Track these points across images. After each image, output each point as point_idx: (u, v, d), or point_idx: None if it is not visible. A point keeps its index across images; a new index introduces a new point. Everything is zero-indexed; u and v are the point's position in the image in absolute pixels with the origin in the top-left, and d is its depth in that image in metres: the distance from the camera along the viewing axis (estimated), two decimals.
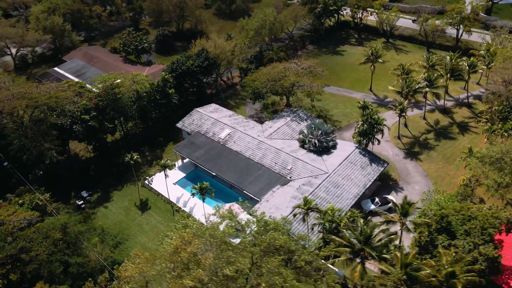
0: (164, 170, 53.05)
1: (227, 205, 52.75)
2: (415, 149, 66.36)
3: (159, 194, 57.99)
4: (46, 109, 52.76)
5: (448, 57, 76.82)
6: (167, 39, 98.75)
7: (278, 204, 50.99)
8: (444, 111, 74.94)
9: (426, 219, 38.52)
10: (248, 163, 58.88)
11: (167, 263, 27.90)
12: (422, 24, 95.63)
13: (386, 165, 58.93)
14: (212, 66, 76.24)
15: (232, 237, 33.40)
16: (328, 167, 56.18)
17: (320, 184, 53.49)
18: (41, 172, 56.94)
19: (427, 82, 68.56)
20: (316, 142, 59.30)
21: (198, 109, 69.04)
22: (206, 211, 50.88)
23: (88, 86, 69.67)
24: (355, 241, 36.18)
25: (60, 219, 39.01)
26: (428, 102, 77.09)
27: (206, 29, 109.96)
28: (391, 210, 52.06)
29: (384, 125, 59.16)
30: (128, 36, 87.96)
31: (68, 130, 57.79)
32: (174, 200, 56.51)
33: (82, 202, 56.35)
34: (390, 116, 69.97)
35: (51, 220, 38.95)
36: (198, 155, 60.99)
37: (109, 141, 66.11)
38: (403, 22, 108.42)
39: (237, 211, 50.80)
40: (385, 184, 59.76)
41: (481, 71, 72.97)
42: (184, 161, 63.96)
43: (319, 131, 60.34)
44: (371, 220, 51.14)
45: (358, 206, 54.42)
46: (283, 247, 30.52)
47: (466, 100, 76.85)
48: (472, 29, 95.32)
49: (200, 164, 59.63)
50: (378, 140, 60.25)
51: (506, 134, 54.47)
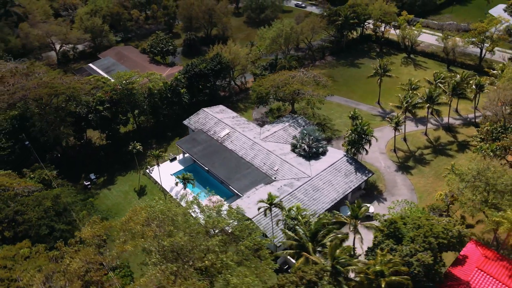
0: (157, 160, 58.50)
1: (211, 197, 57.45)
2: (408, 163, 67.28)
3: (156, 182, 63.64)
4: (65, 98, 60.29)
5: (458, 75, 77.02)
6: (193, 43, 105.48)
7: (251, 200, 54.53)
8: (448, 129, 74.88)
9: (377, 224, 40.62)
10: (239, 161, 63.06)
11: (118, 231, 32.78)
12: (443, 41, 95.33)
13: (370, 174, 60.69)
14: (224, 70, 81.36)
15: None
16: (312, 172, 59.00)
17: (300, 186, 56.50)
18: (57, 153, 64.53)
19: (428, 98, 69.30)
20: (306, 147, 62.32)
21: (205, 109, 74.29)
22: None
23: (112, 81, 77.28)
24: (304, 236, 39.12)
25: (54, 191, 45.43)
26: (434, 119, 77.49)
27: (233, 35, 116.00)
28: (370, 218, 54.09)
29: (372, 136, 60.96)
30: (156, 39, 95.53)
31: (84, 119, 65.16)
32: (167, 189, 61.82)
33: (89, 183, 63.28)
34: (391, 130, 71.12)
35: (47, 191, 45.47)
36: (197, 150, 66.05)
37: (122, 131, 72.95)
38: (428, 38, 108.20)
39: (219, 202, 55.37)
40: (369, 193, 61.46)
41: (487, 90, 72.33)
42: (185, 155, 69.24)
43: (311, 138, 63.32)
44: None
45: (337, 210, 56.66)
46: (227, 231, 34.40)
47: (474, 120, 76.25)
48: (496, 48, 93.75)
49: (196, 159, 64.64)
50: (366, 150, 62.11)
51: (491, 154, 54.51)
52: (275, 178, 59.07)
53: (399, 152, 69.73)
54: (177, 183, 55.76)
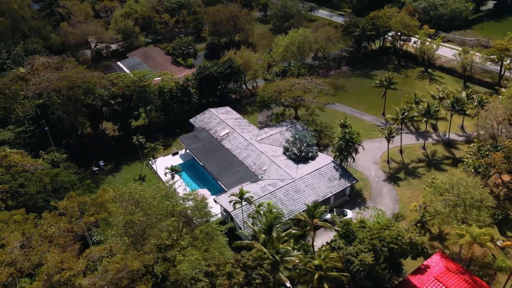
0: (153, 151, 63.91)
1: (198, 190, 62.07)
2: (399, 174, 68.23)
3: (156, 173, 69.16)
4: (81, 90, 67.47)
5: (463, 92, 76.86)
6: (215, 47, 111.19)
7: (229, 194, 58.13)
8: (448, 144, 74.67)
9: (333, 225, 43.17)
10: (232, 159, 67.18)
11: (89, 205, 38.07)
12: (460, 56, 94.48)
13: (354, 182, 62.58)
14: (235, 74, 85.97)
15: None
16: (297, 174, 61.91)
17: (282, 186, 59.65)
18: (73, 140, 71.78)
19: (426, 112, 69.96)
20: (296, 151, 65.33)
21: (211, 109, 79.21)
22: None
23: (127, 78, 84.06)
24: (260, 228, 42.47)
25: (54, 170, 51.77)
26: (436, 134, 77.64)
27: (256, 42, 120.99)
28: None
29: (359, 144, 62.86)
30: (179, 42, 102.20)
31: (99, 111, 72.15)
32: (164, 179, 66.99)
33: (97, 169, 70.02)
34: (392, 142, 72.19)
35: (48, 170, 51.93)
36: (196, 147, 70.95)
37: (135, 125, 79.38)
38: (449, 53, 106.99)
39: (205, 196, 59.85)
40: (353, 200, 63.30)
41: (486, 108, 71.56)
42: (187, 151, 74.38)
43: (302, 143, 66.22)
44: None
45: None
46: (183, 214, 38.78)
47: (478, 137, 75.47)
48: None
49: (194, 155, 69.51)
50: (353, 157, 64.06)
51: (473, 170, 54.81)
52: (261, 177, 62.57)
53: (393, 164, 70.74)
54: (166, 173, 60.84)
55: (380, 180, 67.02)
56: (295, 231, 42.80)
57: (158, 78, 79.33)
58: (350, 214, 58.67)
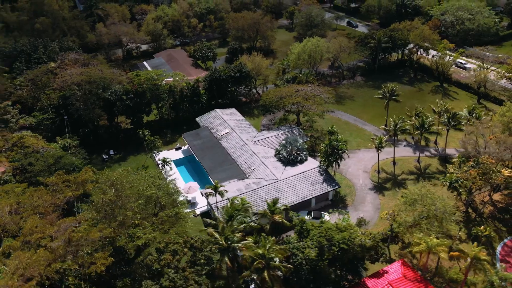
0: (152, 144, 69.77)
1: (190, 182, 67.39)
2: (386, 184, 69.51)
3: (157, 165, 75.11)
4: (97, 85, 74.94)
5: (465, 108, 76.68)
6: (236, 52, 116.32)
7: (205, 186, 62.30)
8: (444, 159, 74.63)
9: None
10: (226, 157, 71.70)
11: (72, 183, 44.24)
12: (474, 72, 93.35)
13: (336, 187, 64.91)
14: (244, 78, 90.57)
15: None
16: (282, 176, 65.30)
17: (265, 185, 63.32)
18: (88, 130, 79.43)
19: (420, 126, 70.79)
20: (285, 154, 68.74)
21: (217, 109, 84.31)
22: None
23: (154, 77, 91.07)
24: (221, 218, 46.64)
25: (59, 153, 58.75)
26: (434, 148, 77.87)
27: (278, 49, 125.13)
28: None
29: (344, 151, 65.10)
30: (199, 45, 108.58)
31: (113, 105, 79.44)
32: (163, 171, 72.83)
33: (107, 157, 77.18)
34: (387, 153, 74.10)
35: (54, 152, 59.04)
36: (196, 143, 76.20)
37: (147, 120, 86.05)
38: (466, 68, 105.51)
39: (194, 188, 65.01)
40: (335, 204, 65.59)
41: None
42: (188, 146, 79.80)
43: (293, 147, 69.51)
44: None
45: (297, 212, 62.10)
46: (153, 199, 43.89)
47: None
48: None
49: (192, 150, 74.73)
50: (338, 163, 66.38)
51: (446, 183, 55.58)
52: (249, 176, 66.54)
53: (383, 174, 72.04)
54: (158, 164, 66.53)
55: (366, 189, 68.69)
56: (255, 224, 46.44)
57: (171, 78, 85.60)
58: (327, 217, 61.14)
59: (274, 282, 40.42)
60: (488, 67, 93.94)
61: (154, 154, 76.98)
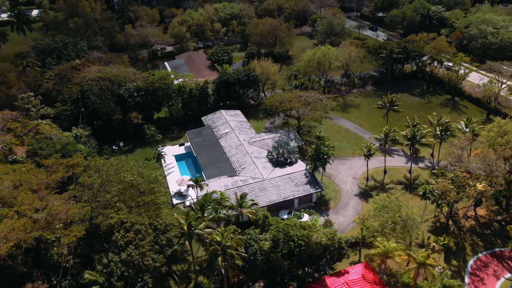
0: (152, 138, 75.46)
1: (183, 176, 72.46)
2: (373, 192, 71.03)
3: (154, 157, 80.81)
4: (111, 82, 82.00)
5: (462, 122, 76.74)
6: (253, 57, 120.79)
7: (212, 186, 67.04)
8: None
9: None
10: (222, 155, 76.17)
11: (65, 166, 50.51)
12: (484, 87, 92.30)
13: (319, 190, 67.51)
14: (252, 82, 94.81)
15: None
16: (269, 175, 68.83)
17: (250, 183, 67.12)
18: (103, 122, 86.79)
19: (411, 137, 71.86)
20: (275, 155, 72.23)
21: (222, 110, 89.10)
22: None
23: (171, 76, 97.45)
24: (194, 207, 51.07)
25: (65, 140, 65.67)
26: (429, 160, 78.28)
27: (295, 55, 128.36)
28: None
29: (329, 156, 67.54)
30: (217, 49, 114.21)
31: (126, 101, 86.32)
32: (163, 163, 78.47)
33: (117, 148, 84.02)
34: (381, 161, 75.90)
35: (61, 139, 66.01)
36: (197, 141, 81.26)
37: (157, 116, 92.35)
38: (478, 82, 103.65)
39: (186, 181, 69.94)
40: (317, 207, 68.16)
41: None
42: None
43: (284, 149, 72.87)
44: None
45: (277, 212, 65.50)
46: (133, 185, 49.25)
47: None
48: None
49: (192, 147, 79.81)
50: (324, 168, 68.90)
51: (419, 193, 56.88)
52: (238, 173, 70.59)
53: (371, 181, 73.61)
54: (153, 157, 72.17)
55: (351, 194, 70.65)
56: (223, 215, 50.50)
57: (181, 79, 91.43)
58: (306, 217, 63.89)
59: (229, 268, 44.24)
60: (503, 81, 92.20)
61: (159, 148, 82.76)
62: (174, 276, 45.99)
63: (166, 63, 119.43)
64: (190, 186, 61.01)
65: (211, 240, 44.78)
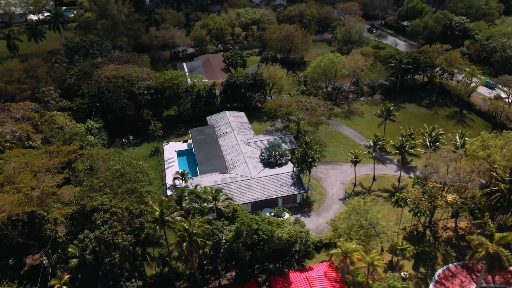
0: (155, 133, 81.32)
1: (179, 170, 77.61)
2: (356, 197, 72.93)
3: (152, 152, 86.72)
4: (124, 80, 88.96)
5: (457, 135, 77.13)
6: (267, 61, 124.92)
7: (202, 181, 71.87)
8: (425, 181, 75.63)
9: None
10: (218, 153, 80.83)
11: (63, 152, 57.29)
12: (489, 101, 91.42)
13: (302, 191, 70.57)
14: (258, 85, 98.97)
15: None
16: (257, 175, 72.71)
17: (238, 181, 71.35)
18: (116, 117, 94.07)
19: (400, 147, 73.32)
20: (265, 156, 76.02)
21: (226, 111, 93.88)
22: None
23: (187, 75, 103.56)
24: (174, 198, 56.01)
25: (74, 131, 72.64)
26: (421, 170, 79.03)
27: (310, 61, 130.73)
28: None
29: (314, 160, 70.37)
30: (232, 52, 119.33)
31: (137, 98, 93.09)
32: (165, 157, 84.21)
33: (126, 141, 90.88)
34: (372, 168, 77.65)
35: (70, 130, 73.23)
36: (198, 138, 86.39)
37: (167, 114, 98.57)
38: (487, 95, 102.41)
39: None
40: (300, 207, 71.24)
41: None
42: None
43: (276, 151, 76.51)
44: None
45: (261, 209, 69.24)
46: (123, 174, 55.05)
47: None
48: None
49: (192, 144, 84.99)
50: (309, 170, 71.79)
51: (392, 201, 58.67)
52: (229, 171, 74.94)
53: (358, 187, 75.62)
54: (152, 151, 78.12)
55: (336, 198, 73.07)
56: (198, 206, 55.03)
57: (189, 80, 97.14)
58: (287, 215, 67.20)
59: (194, 254, 48.72)
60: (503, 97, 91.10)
61: (164, 144, 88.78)
62: (147, 257, 51.04)
63: (184, 64, 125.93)
64: (175, 179, 66.13)
65: (180, 227, 49.39)
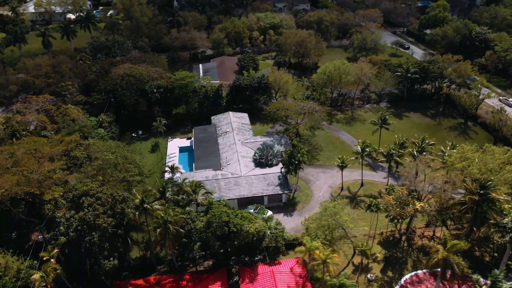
0: (157, 129, 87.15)
1: (177, 165, 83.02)
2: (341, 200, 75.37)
3: (166, 148, 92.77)
4: (135, 79, 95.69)
5: (448, 147, 77.82)
6: (280, 65, 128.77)
7: (195, 176, 76.83)
8: (413, 190, 76.69)
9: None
10: (215, 151, 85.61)
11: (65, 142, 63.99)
12: (492, 114, 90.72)
13: (287, 191, 73.92)
14: (263, 88, 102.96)
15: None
16: (247, 173, 76.82)
17: (227, 178, 75.76)
18: (128, 112, 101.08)
19: (387, 155, 75.06)
20: (257, 156, 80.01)
21: (230, 112, 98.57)
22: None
23: (199, 76, 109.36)
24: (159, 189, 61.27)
25: (82, 123, 79.82)
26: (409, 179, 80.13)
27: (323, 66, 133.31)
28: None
29: (300, 162, 73.50)
30: (244, 56, 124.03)
31: (148, 96, 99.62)
32: (167, 152, 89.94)
33: (135, 135, 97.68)
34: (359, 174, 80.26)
35: (81, 122, 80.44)
36: (199, 136, 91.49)
37: (176, 112, 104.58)
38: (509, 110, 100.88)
39: (179, 169, 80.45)
40: (285, 207, 74.59)
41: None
42: None
43: (269, 152, 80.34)
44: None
45: (246, 206, 73.23)
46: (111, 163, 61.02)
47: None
48: None
49: (193, 141, 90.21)
50: (296, 172, 75.00)
51: (363, 206, 60.89)
52: (222, 168, 79.51)
53: (345, 192, 77.93)
54: (152, 146, 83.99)
55: (320, 200, 75.65)
56: (178, 198, 60.02)
57: (197, 81, 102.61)
58: (269, 213, 70.88)
59: (168, 240, 53.62)
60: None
61: (169, 139, 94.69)
62: (129, 240, 56.52)
63: (200, 65, 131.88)
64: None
65: (157, 215, 54.48)
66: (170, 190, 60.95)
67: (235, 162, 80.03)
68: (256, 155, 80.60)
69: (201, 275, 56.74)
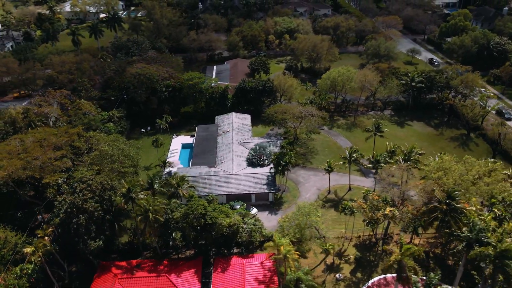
0: (160, 126, 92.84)
1: (175, 160, 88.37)
2: (327, 203, 78.02)
3: (170, 143, 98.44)
4: (146, 78, 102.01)
5: (437, 156, 78.53)
6: (291, 69, 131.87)
7: (190, 171, 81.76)
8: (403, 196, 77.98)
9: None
10: (212, 149, 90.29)
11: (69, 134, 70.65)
12: (492, 126, 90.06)
13: (273, 191, 77.33)
14: (267, 91, 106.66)
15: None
16: (238, 172, 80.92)
17: (219, 174, 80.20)
18: (139, 108, 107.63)
19: (374, 161, 76.93)
20: (250, 156, 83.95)
21: (233, 112, 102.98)
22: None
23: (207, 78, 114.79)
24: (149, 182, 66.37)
25: (91, 117, 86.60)
26: (398, 186, 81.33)
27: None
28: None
29: (287, 163, 76.63)
30: (256, 59, 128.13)
31: (157, 94, 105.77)
32: (170, 148, 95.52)
33: (144, 130, 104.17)
34: (352, 179, 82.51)
35: (91, 115, 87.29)
36: (201, 135, 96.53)
37: (183, 110, 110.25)
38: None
39: (176, 164, 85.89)
40: (271, 205, 78.01)
41: None
42: None
43: (262, 152, 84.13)
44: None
45: (233, 202, 77.20)
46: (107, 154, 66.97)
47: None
48: None
49: (194, 139, 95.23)
50: (284, 173, 78.24)
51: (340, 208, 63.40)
52: (216, 166, 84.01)
53: (331, 195, 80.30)
54: (153, 142, 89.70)
55: (307, 202, 78.51)
56: (163, 190, 65.04)
57: (205, 82, 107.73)
58: (255, 210, 74.69)
59: (148, 227, 58.72)
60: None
61: (173, 136, 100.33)
62: (116, 225, 62.07)
63: (214, 66, 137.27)
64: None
65: (140, 204, 59.68)
66: (157, 182, 66.06)
67: (229, 161, 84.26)
68: (249, 155, 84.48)
69: (178, 262, 61.38)
